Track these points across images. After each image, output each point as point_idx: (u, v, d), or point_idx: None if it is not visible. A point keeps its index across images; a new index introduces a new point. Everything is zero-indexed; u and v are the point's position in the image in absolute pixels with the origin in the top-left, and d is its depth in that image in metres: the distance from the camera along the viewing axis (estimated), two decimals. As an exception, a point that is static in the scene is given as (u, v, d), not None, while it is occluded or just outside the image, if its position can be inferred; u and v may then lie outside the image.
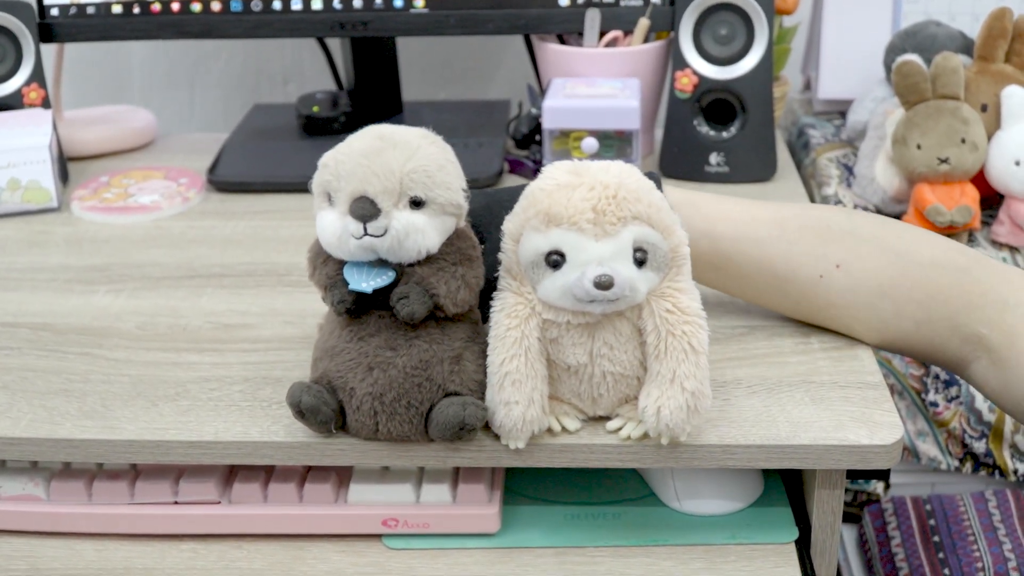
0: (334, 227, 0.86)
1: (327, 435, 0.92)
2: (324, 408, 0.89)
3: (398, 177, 0.85)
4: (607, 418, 0.92)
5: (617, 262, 0.83)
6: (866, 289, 0.98)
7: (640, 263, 0.84)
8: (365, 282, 0.87)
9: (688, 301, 0.87)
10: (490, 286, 0.91)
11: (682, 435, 0.88)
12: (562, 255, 0.84)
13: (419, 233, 0.86)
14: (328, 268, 0.89)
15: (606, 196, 0.83)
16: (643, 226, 0.84)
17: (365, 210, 0.85)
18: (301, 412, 0.89)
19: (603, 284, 0.82)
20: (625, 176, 0.85)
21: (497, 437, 0.91)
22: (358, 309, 0.89)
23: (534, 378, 0.87)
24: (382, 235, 0.85)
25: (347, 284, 0.87)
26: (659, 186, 0.96)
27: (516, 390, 0.87)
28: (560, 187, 0.84)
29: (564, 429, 0.91)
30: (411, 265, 0.88)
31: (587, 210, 0.83)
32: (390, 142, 0.87)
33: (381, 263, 0.88)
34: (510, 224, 0.87)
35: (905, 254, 0.98)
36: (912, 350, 1.01)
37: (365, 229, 0.85)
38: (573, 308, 0.85)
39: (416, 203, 0.86)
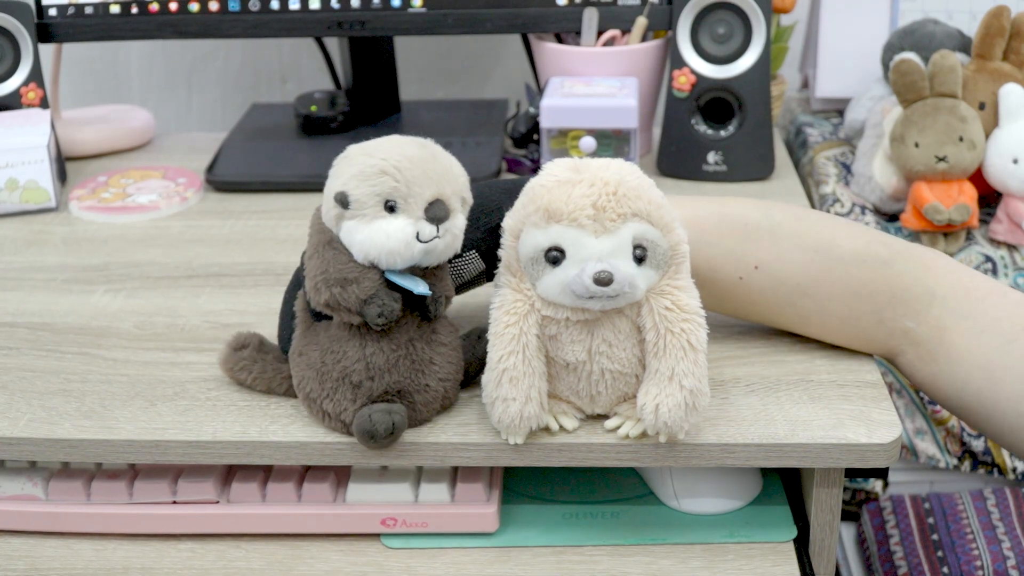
0: (403, 232, 0.86)
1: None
2: (407, 423, 0.91)
3: (456, 180, 0.89)
4: (605, 416, 0.92)
5: (617, 259, 0.83)
6: (786, 289, 0.97)
7: (639, 260, 0.84)
8: (420, 287, 0.89)
9: (687, 299, 0.87)
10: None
11: (680, 433, 0.88)
12: (562, 251, 0.84)
13: (462, 233, 0.90)
14: (364, 283, 0.88)
15: (606, 193, 0.83)
16: (643, 223, 0.84)
17: (443, 212, 0.87)
18: (393, 434, 0.89)
19: (603, 280, 0.82)
20: (625, 173, 0.85)
21: (495, 436, 0.91)
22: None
23: (532, 375, 0.87)
24: (443, 237, 0.88)
25: (393, 294, 0.88)
26: None
27: (513, 387, 0.87)
28: (560, 183, 0.84)
29: (562, 428, 0.91)
30: (430, 271, 0.91)
31: (587, 207, 0.83)
32: (432, 149, 0.90)
33: (410, 272, 0.89)
34: (510, 220, 0.87)
35: (824, 250, 0.96)
36: (841, 343, 1.01)
37: (438, 232, 0.87)
38: (572, 305, 0.86)
39: (464, 204, 0.91)
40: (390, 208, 0.86)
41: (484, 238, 0.96)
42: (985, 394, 0.93)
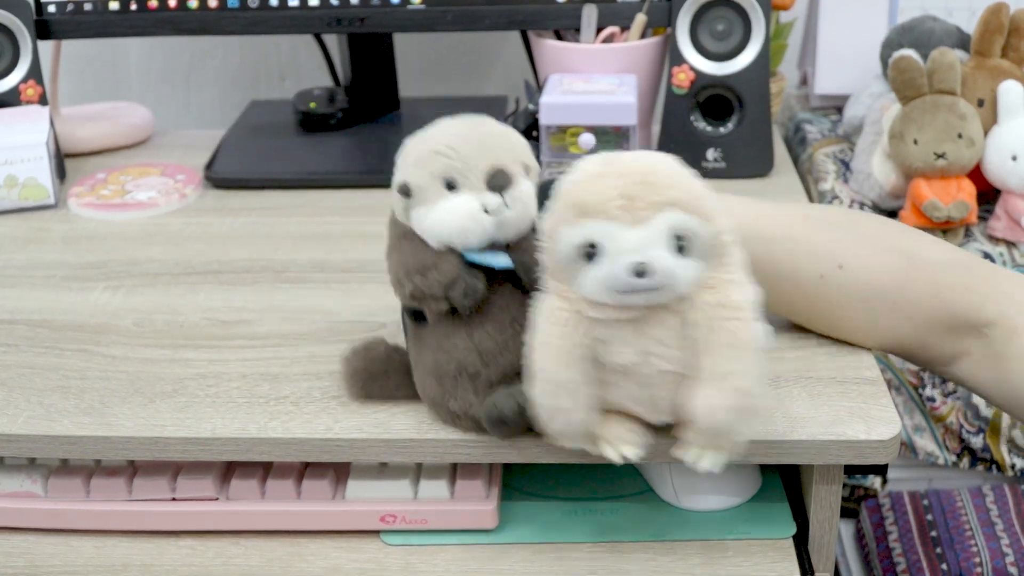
0: (468, 207, 0.86)
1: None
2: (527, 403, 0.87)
3: (514, 148, 0.88)
4: (670, 427, 0.88)
5: (653, 249, 0.79)
6: (867, 289, 0.97)
7: (680, 250, 0.80)
8: (498, 258, 0.87)
9: (737, 293, 0.82)
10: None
11: (739, 437, 0.83)
12: (595, 246, 0.79)
13: (532, 199, 0.88)
14: (443, 267, 0.87)
15: (635, 182, 0.79)
16: (679, 212, 0.79)
17: (504, 180, 0.86)
18: (522, 414, 0.87)
19: (639, 271, 0.78)
20: (658, 162, 0.81)
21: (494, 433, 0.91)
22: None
23: (582, 383, 0.83)
24: (511, 206, 0.86)
25: (475, 272, 0.87)
26: None
27: (569, 397, 0.83)
28: (590, 177, 0.81)
29: (624, 457, 0.87)
30: (516, 245, 0.89)
31: (615, 197, 0.79)
32: (483, 122, 0.90)
33: (491, 249, 0.88)
34: (546, 222, 0.83)
35: (908, 252, 0.97)
36: (900, 348, 1.01)
37: (505, 201, 0.86)
38: (615, 302, 0.81)
39: (528, 171, 0.89)
40: (450, 186, 0.86)
41: None
42: None
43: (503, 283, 0.89)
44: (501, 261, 0.87)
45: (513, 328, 0.89)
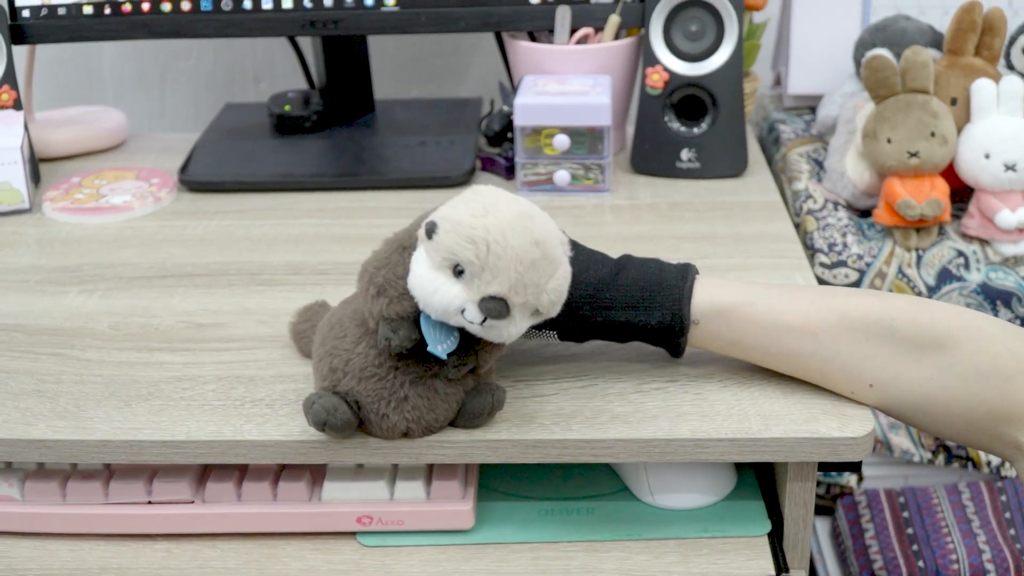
0: (449, 297, 0.83)
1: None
2: (350, 426, 0.90)
3: (539, 295, 0.84)
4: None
5: None
6: (900, 406, 0.94)
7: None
8: (441, 345, 0.87)
9: None
10: None
11: None
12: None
13: (512, 336, 0.86)
14: (402, 305, 0.87)
15: None
16: None
17: (499, 311, 0.83)
18: (323, 428, 0.89)
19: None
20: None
21: (470, 433, 0.91)
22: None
23: None
24: (486, 328, 0.85)
25: (416, 334, 0.87)
26: (693, 277, 0.95)
27: None
28: None
29: None
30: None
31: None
32: (542, 252, 0.84)
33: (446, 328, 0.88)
34: None
35: (946, 368, 0.91)
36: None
37: (483, 324, 0.84)
38: None
39: (535, 314, 0.86)
40: (458, 272, 0.84)
41: (572, 328, 0.97)
42: None
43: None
44: (440, 348, 0.87)
45: (390, 374, 0.89)
